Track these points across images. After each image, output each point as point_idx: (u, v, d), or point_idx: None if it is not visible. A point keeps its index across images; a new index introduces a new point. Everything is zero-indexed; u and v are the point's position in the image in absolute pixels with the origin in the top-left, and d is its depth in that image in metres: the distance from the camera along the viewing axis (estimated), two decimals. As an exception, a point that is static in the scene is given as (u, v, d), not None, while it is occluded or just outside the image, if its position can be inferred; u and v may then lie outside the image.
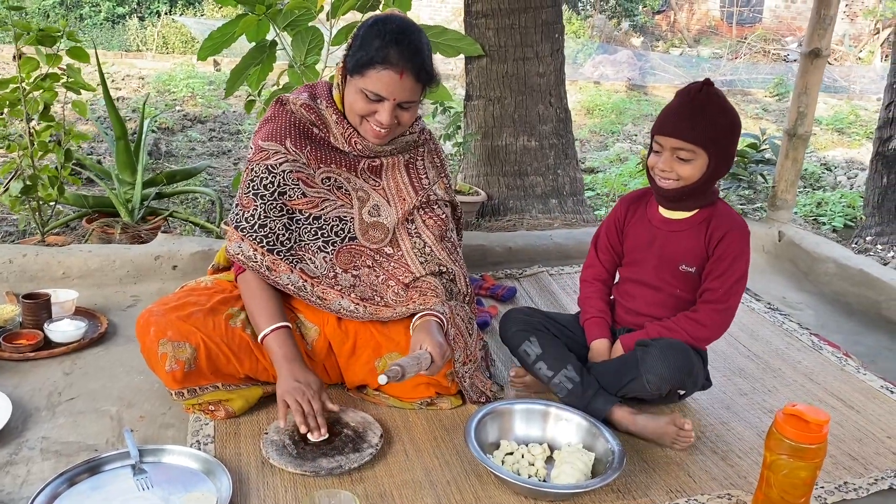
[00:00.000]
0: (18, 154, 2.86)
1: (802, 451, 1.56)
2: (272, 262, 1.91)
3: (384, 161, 2.01)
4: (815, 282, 3.12)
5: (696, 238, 1.96)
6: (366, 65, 1.78)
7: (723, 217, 1.96)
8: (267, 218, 1.90)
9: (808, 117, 3.27)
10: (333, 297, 1.96)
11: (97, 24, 11.82)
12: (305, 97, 1.97)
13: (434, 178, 2.08)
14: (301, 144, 1.93)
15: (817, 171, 6.24)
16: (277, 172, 1.90)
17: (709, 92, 1.86)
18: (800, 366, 2.42)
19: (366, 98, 1.82)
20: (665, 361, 1.84)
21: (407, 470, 1.78)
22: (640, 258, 2.05)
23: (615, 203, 2.16)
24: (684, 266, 1.97)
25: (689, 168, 1.87)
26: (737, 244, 1.93)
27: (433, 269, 2.01)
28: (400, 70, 1.77)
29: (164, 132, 6.33)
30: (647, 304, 2.03)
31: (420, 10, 12.67)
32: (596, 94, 9.24)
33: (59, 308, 2.36)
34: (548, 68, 3.78)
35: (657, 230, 2.02)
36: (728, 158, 1.92)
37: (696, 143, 1.84)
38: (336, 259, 1.96)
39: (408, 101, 1.84)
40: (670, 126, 1.87)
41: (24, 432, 1.84)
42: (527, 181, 3.88)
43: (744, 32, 14.34)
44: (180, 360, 1.84)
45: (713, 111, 1.85)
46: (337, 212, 1.97)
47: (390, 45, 1.76)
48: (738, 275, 1.93)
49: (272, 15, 3.01)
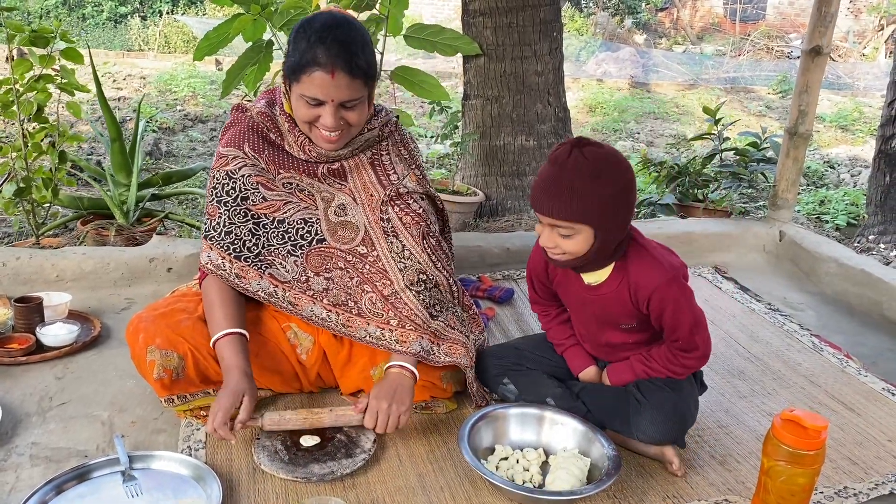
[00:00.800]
0: (12, 156, 2.84)
1: (800, 458, 1.53)
2: (240, 268, 1.86)
3: (346, 164, 1.94)
4: (816, 282, 3.09)
5: (621, 301, 1.78)
6: (297, 70, 1.71)
7: (640, 273, 1.75)
8: (232, 224, 1.86)
9: (809, 116, 3.23)
10: (305, 302, 1.90)
11: (100, 24, 11.83)
12: (262, 105, 1.92)
13: (403, 171, 1.99)
14: (259, 148, 1.89)
15: (820, 168, 6.20)
16: (237, 178, 1.86)
17: (577, 157, 1.62)
18: (800, 368, 2.39)
19: (307, 104, 1.75)
20: (656, 426, 1.77)
21: (400, 475, 1.76)
22: (579, 315, 1.93)
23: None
24: (624, 325, 1.85)
25: (572, 243, 1.68)
26: (668, 298, 1.73)
27: (412, 277, 1.92)
28: (330, 69, 1.68)
29: (165, 132, 6.32)
30: (609, 351, 1.93)
31: (422, 8, 12.65)
32: (598, 91, 9.22)
33: (51, 311, 2.34)
34: (546, 67, 3.75)
35: (584, 296, 1.84)
36: (617, 225, 1.70)
37: (572, 219, 1.64)
38: (307, 262, 1.90)
39: (349, 100, 1.74)
40: (542, 203, 1.65)
41: (13, 438, 1.82)
42: (525, 181, 3.85)
43: (747, 29, 14.29)
44: (168, 369, 1.83)
45: (584, 180, 1.61)
46: (301, 214, 1.90)
47: (316, 45, 1.68)
48: (689, 323, 1.75)
49: (267, 15, 3.00)
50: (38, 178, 2.88)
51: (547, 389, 1.93)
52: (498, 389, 2.00)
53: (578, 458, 1.76)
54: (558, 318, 2.03)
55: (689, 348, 1.79)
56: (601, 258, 1.75)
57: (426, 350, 1.89)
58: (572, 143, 1.65)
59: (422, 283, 1.93)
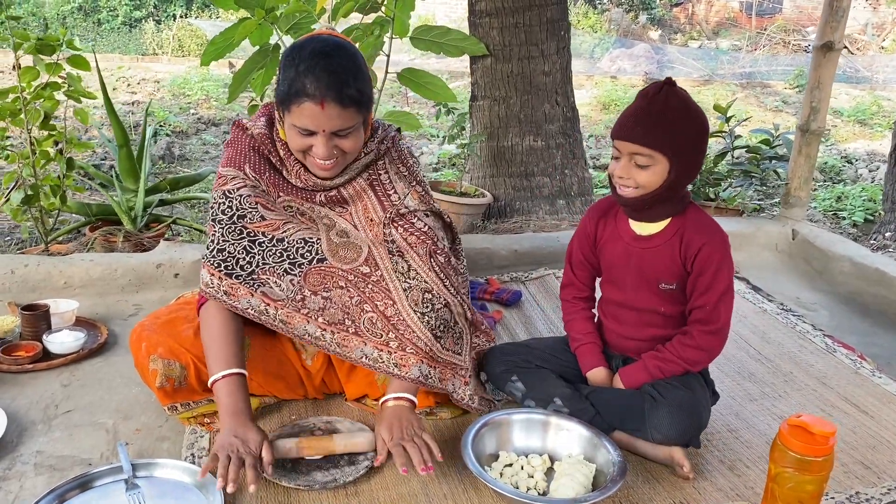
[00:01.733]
0: (20, 164, 2.86)
1: (808, 464, 1.50)
2: (230, 286, 1.79)
3: (343, 191, 1.89)
4: (829, 281, 3.04)
5: (670, 253, 1.84)
6: (286, 100, 1.68)
7: (696, 227, 1.82)
8: (226, 242, 1.80)
9: (822, 112, 3.18)
10: (298, 320, 1.82)
11: (114, 29, 11.92)
12: (262, 125, 1.87)
13: (404, 189, 1.94)
14: (261, 170, 1.85)
15: (838, 164, 6.12)
16: (234, 197, 1.81)
17: (669, 93, 1.73)
18: (812, 369, 2.35)
19: (299, 133, 1.71)
20: (673, 423, 1.76)
21: (403, 483, 1.74)
22: (617, 277, 1.94)
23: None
24: (664, 284, 1.87)
25: (647, 174, 1.74)
26: (716, 255, 1.80)
27: (417, 297, 1.84)
28: (320, 100, 1.63)
29: (178, 135, 6.35)
30: (635, 326, 1.94)
31: (435, 7, 12.63)
32: (612, 88, 9.15)
33: (58, 319, 2.35)
34: (553, 66, 3.72)
35: (631, 248, 1.89)
36: (692, 164, 1.78)
37: (654, 147, 1.71)
38: (304, 281, 1.82)
39: (342, 129, 1.70)
40: (626, 129, 1.74)
41: (18, 446, 1.83)
42: (533, 182, 3.82)
43: (763, 23, 14.14)
44: (170, 378, 1.83)
45: (673, 113, 1.72)
46: (301, 234, 1.84)
47: (305, 75, 1.63)
48: (723, 287, 1.80)
49: (272, 19, 2.99)
50: (47, 185, 2.89)
51: (555, 389, 1.92)
52: (505, 387, 1.99)
53: (583, 464, 1.74)
54: (584, 310, 2.04)
55: (710, 319, 1.80)
56: (669, 199, 1.80)
57: (425, 375, 1.82)
58: (663, 81, 1.75)
59: (428, 304, 1.85)
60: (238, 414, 1.69)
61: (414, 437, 1.69)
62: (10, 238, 3.52)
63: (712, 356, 1.86)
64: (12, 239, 3.50)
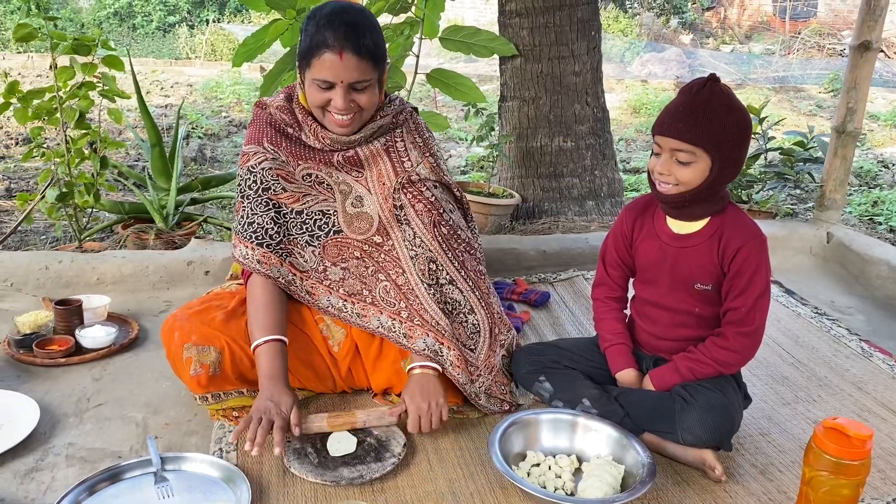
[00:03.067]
0: (55, 162, 2.90)
1: (844, 468, 1.47)
2: (262, 255, 1.89)
3: (361, 152, 1.95)
4: (866, 285, 2.98)
5: (708, 254, 1.81)
6: (307, 54, 1.76)
7: (735, 227, 1.80)
8: (255, 214, 1.90)
9: (858, 113, 3.12)
10: (322, 292, 1.94)
11: (149, 34, 12.12)
12: (281, 99, 1.96)
13: (417, 158, 2.00)
14: (277, 142, 1.94)
15: (874, 168, 6.00)
16: (257, 171, 1.91)
17: (713, 89, 1.71)
18: (848, 374, 2.30)
19: (318, 88, 1.79)
20: (705, 425, 1.73)
21: (430, 480, 1.73)
22: (652, 276, 1.92)
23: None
24: (699, 285, 1.83)
25: (688, 171, 1.72)
26: (754, 256, 1.77)
27: (423, 266, 1.94)
28: (338, 50, 1.72)
29: (209, 138, 6.42)
30: (668, 326, 1.91)
31: (464, 11, 12.65)
32: (643, 92, 9.08)
33: (91, 314, 2.38)
34: (584, 67, 3.69)
35: (667, 247, 1.86)
36: (734, 162, 1.75)
37: (696, 143, 1.69)
38: (324, 253, 1.95)
39: (359, 81, 1.77)
40: (668, 125, 1.72)
41: (51, 438, 1.85)
42: (562, 183, 3.79)
43: (797, 27, 13.95)
44: (205, 364, 1.84)
45: (716, 110, 1.69)
46: (319, 206, 1.95)
47: (325, 28, 1.73)
48: (759, 289, 1.77)
49: (303, 19, 3.00)
50: (81, 183, 2.94)
51: (583, 390, 1.90)
52: (533, 387, 1.97)
53: (612, 465, 1.71)
54: (616, 310, 2.02)
55: (745, 321, 1.77)
56: (710, 197, 1.78)
57: (433, 350, 1.88)
58: (707, 77, 1.72)
59: (433, 277, 1.95)
60: (274, 377, 1.78)
61: (431, 403, 1.81)
62: (45, 236, 3.58)
63: (746, 359, 1.83)
64: (47, 237, 3.56)
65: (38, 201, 2.97)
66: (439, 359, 1.89)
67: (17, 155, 5.33)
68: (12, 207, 3.99)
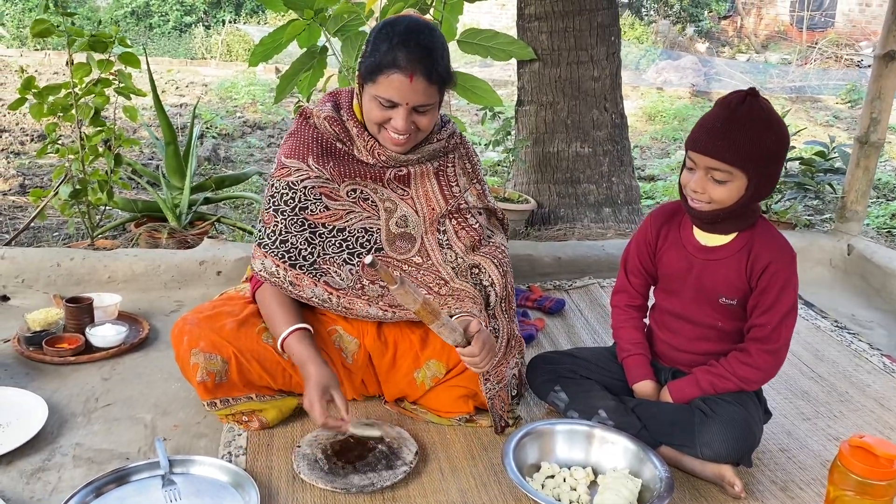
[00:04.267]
0: (69, 158, 2.89)
1: (870, 488, 1.43)
2: (295, 276, 1.85)
3: (412, 170, 1.91)
4: (887, 299, 2.92)
5: (736, 268, 1.76)
6: (375, 71, 1.71)
7: (765, 243, 1.75)
8: (288, 233, 1.85)
9: (882, 124, 3.08)
10: (360, 305, 1.90)
11: (165, 33, 12.15)
12: (329, 108, 1.89)
13: (465, 184, 1.99)
14: (324, 161, 1.87)
15: (892, 180, 5.94)
16: (298, 189, 1.85)
17: (753, 104, 1.63)
18: (869, 389, 2.25)
19: (380, 105, 1.74)
20: (725, 440, 1.69)
21: (441, 490, 1.70)
22: (675, 287, 1.87)
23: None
24: (724, 299, 1.79)
25: (723, 190, 1.67)
26: (782, 273, 1.72)
27: (464, 271, 1.93)
28: (409, 73, 1.68)
29: (224, 138, 6.42)
30: (689, 339, 1.87)
31: (480, 16, 12.63)
32: (658, 100, 9.03)
33: (101, 312, 2.36)
34: (603, 72, 3.65)
35: (693, 258, 1.82)
36: (770, 180, 1.69)
37: (734, 164, 1.63)
38: (363, 270, 1.89)
39: (423, 105, 1.74)
40: (705, 142, 1.65)
41: (58, 438, 1.83)
42: (579, 189, 3.76)
43: (815, 37, 13.86)
44: (211, 372, 1.82)
45: (756, 127, 1.62)
46: (362, 223, 1.89)
47: (398, 48, 1.68)
48: (786, 307, 1.73)
49: (321, 20, 2.98)
50: (94, 180, 2.92)
51: (599, 401, 1.86)
52: (548, 397, 1.94)
53: (629, 478, 1.68)
54: (635, 319, 1.97)
55: (769, 338, 1.73)
56: (743, 214, 1.73)
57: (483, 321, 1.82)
58: (746, 91, 1.66)
59: (476, 278, 1.94)
60: (311, 359, 1.78)
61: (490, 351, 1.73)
62: (57, 233, 3.57)
63: (768, 377, 1.78)
64: (60, 234, 3.55)
65: (51, 198, 2.96)
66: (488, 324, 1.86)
67: (32, 151, 5.34)
68: (26, 203, 3.99)
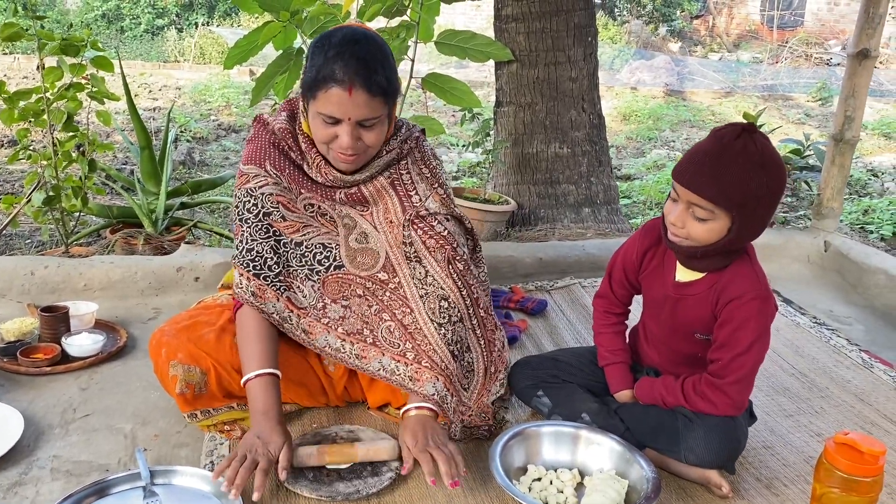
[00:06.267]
0: (41, 164, 2.84)
1: (856, 485, 1.44)
2: (257, 287, 1.75)
3: (365, 189, 1.84)
4: (864, 294, 2.96)
5: (705, 305, 1.69)
6: (314, 86, 1.64)
7: (733, 279, 1.66)
8: (253, 241, 1.77)
9: (856, 121, 3.11)
10: (319, 331, 1.80)
11: (137, 36, 12.03)
12: (283, 119, 1.82)
13: (425, 190, 1.87)
14: (281, 167, 1.80)
15: (863, 177, 6.02)
16: (257, 195, 1.77)
17: (747, 141, 1.52)
18: (849, 385, 2.27)
19: (323, 122, 1.67)
20: (709, 445, 1.67)
21: (428, 496, 1.68)
22: (656, 314, 1.83)
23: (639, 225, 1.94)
24: (699, 334, 1.75)
25: (703, 229, 1.58)
26: (741, 312, 1.63)
27: (433, 304, 1.80)
28: (347, 86, 1.60)
29: (198, 141, 6.36)
30: (670, 361, 1.85)
31: (455, 17, 12.63)
32: (632, 99, 9.10)
33: (77, 321, 2.32)
34: (580, 73, 3.66)
35: (668, 293, 1.76)
36: (757, 224, 1.59)
37: (717, 203, 1.53)
38: (324, 289, 1.81)
39: (367, 119, 1.66)
40: (689, 175, 1.55)
41: (35, 451, 1.79)
42: (559, 189, 3.76)
43: (785, 36, 14.05)
44: (190, 384, 1.78)
45: (747, 167, 1.51)
46: (320, 238, 1.82)
47: (334, 61, 1.60)
48: (741, 346, 1.63)
49: (297, 22, 2.96)
50: (68, 186, 2.87)
51: (582, 404, 1.85)
52: (531, 402, 1.93)
53: (615, 479, 1.67)
54: (616, 325, 1.94)
55: (719, 374, 1.67)
56: (720, 256, 1.65)
57: (440, 396, 1.74)
58: (742, 126, 1.55)
59: (445, 314, 1.80)
60: (267, 413, 1.66)
61: (440, 445, 1.63)
62: (30, 241, 3.51)
63: (719, 411, 1.69)
64: (33, 241, 3.49)
65: (24, 205, 2.90)
66: (444, 406, 1.75)
67: (2, 157, 5.25)
68: (-3, 211, 3.91)
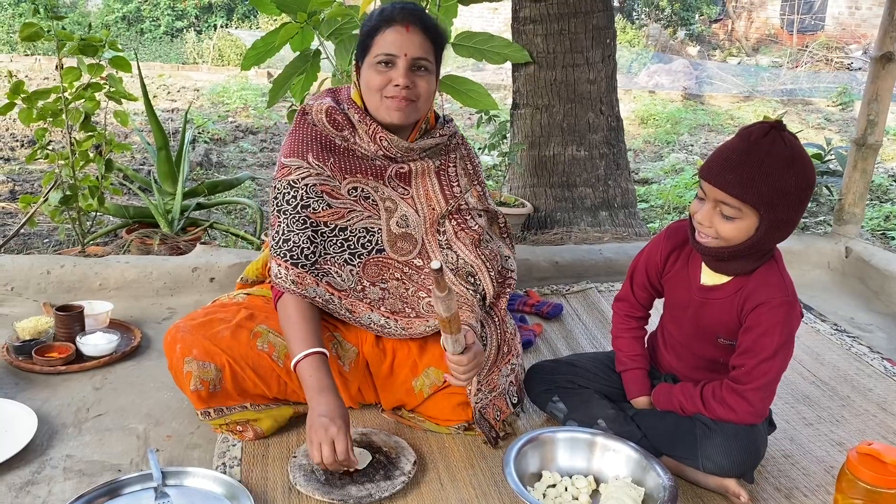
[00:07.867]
0: (59, 164, 2.85)
1: (879, 496, 1.41)
2: (297, 275, 1.80)
3: (413, 167, 1.90)
4: (886, 301, 2.91)
5: (730, 310, 1.67)
6: (371, 34, 1.77)
7: (764, 285, 1.64)
8: (290, 232, 1.82)
9: (879, 126, 3.06)
10: (363, 310, 1.88)
11: (157, 38, 12.10)
12: (328, 101, 1.89)
13: (466, 185, 1.99)
14: (324, 157, 1.85)
15: (885, 182, 5.94)
16: (299, 187, 1.82)
17: (775, 139, 1.51)
18: (871, 394, 2.23)
19: (379, 69, 1.77)
20: (727, 454, 1.64)
21: (441, 500, 1.67)
22: (678, 317, 1.81)
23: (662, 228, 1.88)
24: (722, 339, 1.73)
25: (731, 228, 1.56)
26: (768, 317, 1.61)
27: (462, 280, 1.92)
28: (406, 24, 1.75)
29: (216, 143, 6.38)
30: (690, 367, 1.83)
31: (471, 21, 12.63)
32: (650, 103, 9.05)
33: (92, 320, 2.32)
34: (598, 75, 3.63)
35: (693, 297, 1.74)
36: (785, 224, 1.57)
37: (745, 201, 1.52)
38: (363, 272, 1.88)
39: (421, 58, 1.77)
40: (717, 173, 1.54)
41: (48, 450, 1.79)
42: (575, 192, 3.73)
43: (805, 40, 13.92)
44: (205, 381, 1.78)
45: (775, 165, 1.50)
46: (364, 223, 1.88)
47: (390, 11, 1.76)
48: (767, 352, 1.61)
49: (314, 23, 2.95)
50: (85, 186, 2.88)
51: (599, 410, 1.83)
52: (546, 407, 1.91)
53: (631, 487, 1.65)
54: (635, 329, 1.92)
55: (741, 380, 1.64)
56: (747, 259, 1.63)
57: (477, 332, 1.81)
58: (771, 124, 1.53)
59: (471, 289, 1.92)
60: (323, 391, 1.69)
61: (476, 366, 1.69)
62: (48, 240, 3.53)
63: (739, 418, 1.66)
64: (50, 241, 3.50)
65: (41, 204, 2.92)
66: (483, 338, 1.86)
67: (21, 157, 5.29)
68: (15, 210, 3.94)
